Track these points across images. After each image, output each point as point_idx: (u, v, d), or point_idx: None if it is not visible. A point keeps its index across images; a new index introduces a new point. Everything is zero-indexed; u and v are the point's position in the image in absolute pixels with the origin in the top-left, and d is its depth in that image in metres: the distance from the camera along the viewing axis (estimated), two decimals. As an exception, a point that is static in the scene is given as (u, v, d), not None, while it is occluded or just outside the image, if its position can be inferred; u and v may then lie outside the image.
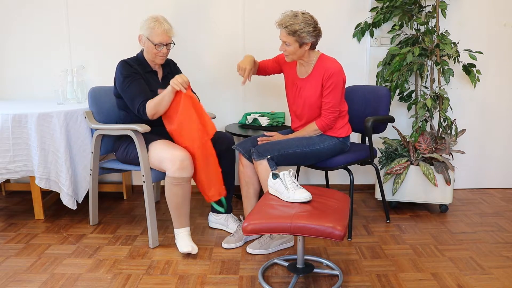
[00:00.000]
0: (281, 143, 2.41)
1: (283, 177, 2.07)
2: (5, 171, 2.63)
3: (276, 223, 1.85)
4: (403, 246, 2.46)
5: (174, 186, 2.29)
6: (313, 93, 2.44)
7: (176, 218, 2.38)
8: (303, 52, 2.39)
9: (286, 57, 2.44)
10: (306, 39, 2.33)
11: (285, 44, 2.37)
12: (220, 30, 3.21)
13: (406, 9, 2.94)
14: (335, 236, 1.79)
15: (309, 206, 1.97)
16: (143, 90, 2.40)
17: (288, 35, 2.32)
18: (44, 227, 2.75)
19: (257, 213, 1.93)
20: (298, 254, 2.09)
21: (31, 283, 2.09)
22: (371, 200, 3.24)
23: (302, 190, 2.03)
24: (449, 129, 2.95)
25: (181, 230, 2.39)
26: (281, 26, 2.34)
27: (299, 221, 1.83)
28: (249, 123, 3.03)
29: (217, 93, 3.29)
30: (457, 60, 3.03)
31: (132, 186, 3.45)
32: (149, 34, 2.42)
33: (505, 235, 2.61)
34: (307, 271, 2.09)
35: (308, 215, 1.87)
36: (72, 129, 2.71)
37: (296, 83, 2.53)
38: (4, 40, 3.24)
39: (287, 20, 2.31)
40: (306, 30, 2.30)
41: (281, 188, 2.06)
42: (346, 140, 2.55)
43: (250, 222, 1.87)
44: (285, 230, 1.83)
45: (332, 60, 2.44)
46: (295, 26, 2.29)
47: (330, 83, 2.38)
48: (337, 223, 1.81)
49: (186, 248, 2.32)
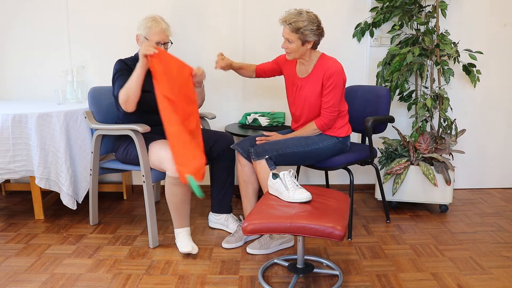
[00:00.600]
0: (279, 143, 2.41)
1: (283, 177, 2.07)
2: (5, 171, 2.63)
3: (276, 223, 1.85)
4: (403, 246, 2.46)
5: (174, 186, 2.29)
6: (313, 92, 2.44)
7: (176, 218, 2.38)
8: (305, 50, 2.39)
9: (288, 55, 2.43)
10: (309, 37, 2.33)
11: (287, 41, 2.37)
12: (220, 30, 3.21)
13: (406, 9, 2.94)
14: (335, 236, 1.79)
15: (309, 206, 1.97)
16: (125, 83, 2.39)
17: (292, 32, 2.32)
18: (44, 227, 2.75)
19: (257, 213, 1.93)
20: (298, 254, 2.09)
21: (31, 283, 2.08)
22: (371, 200, 3.24)
23: (302, 190, 2.03)
24: (449, 129, 2.95)
25: (181, 230, 2.39)
26: (285, 23, 2.34)
27: (299, 221, 1.83)
28: (249, 123, 3.03)
29: (217, 93, 3.29)
30: (457, 60, 3.03)
31: (132, 186, 3.45)
32: (146, 34, 2.43)
33: (505, 235, 2.61)
34: (307, 271, 2.09)
35: (308, 215, 1.87)
36: (72, 129, 2.71)
37: (296, 83, 2.53)
38: (4, 40, 3.24)
39: (291, 17, 2.32)
40: (309, 28, 2.31)
41: (281, 188, 2.06)
42: (346, 140, 2.55)
43: (250, 222, 1.87)
44: (285, 230, 1.83)
45: (333, 59, 2.45)
46: (299, 23, 2.30)
47: (330, 82, 2.38)
48: (337, 223, 1.81)
49: (186, 248, 2.32)
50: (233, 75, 3.24)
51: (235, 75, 3.24)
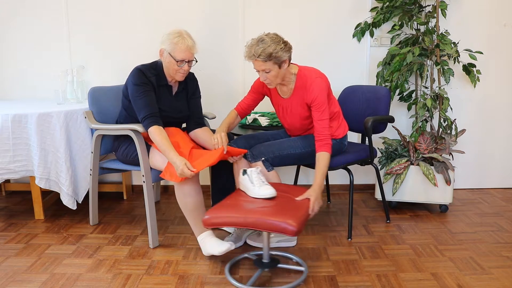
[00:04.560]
0: (275, 145, 2.41)
1: (250, 174, 2.14)
2: (5, 171, 2.63)
3: (233, 216, 1.94)
4: (403, 246, 2.46)
5: (184, 185, 2.25)
6: (300, 111, 2.40)
7: (196, 224, 2.29)
8: (284, 72, 2.29)
9: (269, 85, 2.33)
10: (283, 57, 2.22)
11: (264, 73, 2.25)
12: (220, 30, 3.21)
13: (406, 9, 2.94)
14: (288, 231, 1.85)
15: (271, 202, 2.05)
16: (150, 103, 2.31)
17: (265, 62, 2.19)
18: (44, 227, 2.75)
19: (220, 207, 2.02)
20: (264, 249, 2.15)
21: (31, 283, 2.08)
22: (371, 200, 3.24)
23: (268, 186, 2.10)
24: (449, 129, 2.95)
25: (204, 235, 2.30)
26: (253, 57, 2.20)
27: (254, 216, 1.91)
28: (249, 123, 3.03)
29: (217, 93, 3.29)
30: (457, 60, 3.03)
31: (132, 186, 3.45)
32: (171, 50, 2.29)
33: (505, 235, 2.61)
34: (272, 266, 2.14)
35: (266, 211, 1.94)
36: (72, 129, 2.71)
37: (281, 104, 2.48)
38: (4, 40, 3.24)
39: (256, 49, 2.18)
40: (279, 48, 2.18)
41: (248, 184, 2.14)
42: (343, 141, 2.55)
43: (211, 215, 1.97)
44: (241, 224, 1.92)
45: (310, 74, 2.33)
46: (267, 50, 2.17)
47: (315, 104, 2.30)
48: (291, 219, 1.87)
49: (223, 247, 2.19)
50: (233, 75, 3.24)
51: (235, 75, 3.24)
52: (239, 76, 3.26)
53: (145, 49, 3.21)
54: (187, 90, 2.53)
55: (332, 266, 2.23)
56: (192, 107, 2.54)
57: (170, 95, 2.46)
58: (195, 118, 2.55)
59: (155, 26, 3.19)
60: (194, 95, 2.55)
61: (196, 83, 2.58)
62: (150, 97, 2.32)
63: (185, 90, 2.52)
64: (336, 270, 2.19)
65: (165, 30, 3.15)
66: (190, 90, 2.53)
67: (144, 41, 3.21)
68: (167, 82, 2.43)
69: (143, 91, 2.31)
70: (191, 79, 2.54)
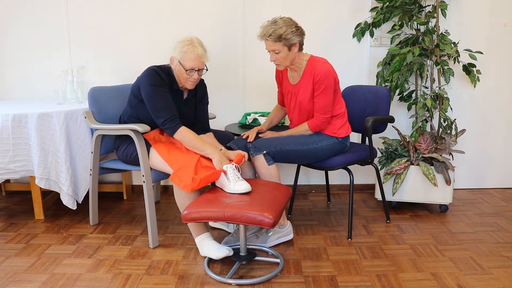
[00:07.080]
0: (278, 140, 2.43)
1: (225, 170, 2.20)
2: (5, 171, 2.63)
3: (212, 211, 1.98)
4: (403, 246, 2.46)
5: None
6: (305, 97, 2.45)
7: (193, 224, 2.30)
8: (294, 55, 2.38)
9: (278, 66, 2.42)
10: (293, 40, 2.32)
11: (274, 53, 2.35)
12: (220, 30, 3.21)
13: (406, 9, 2.94)
14: (265, 223, 1.91)
15: (247, 197, 2.10)
16: (170, 104, 2.30)
17: (275, 42, 2.31)
18: (44, 227, 2.75)
19: (198, 203, 2.06)
20: (241, 242, 2.19)
21: (31, 283, 2.08)
22: (371, 200, 3.24)
23: (243, 182, 2.17)
24: (449, 129, 2.95)
25: (202, 237, 2.30)
26: (265, 37, 2.32)
27: (231, 210, 1.96)
28: (249, 123, 3.03)
29: (217, 93, 3.29)
30: (457, 60, 3.03)
31: (132, 186, 3.45)
32: (181, 58, 2.30)
33: (505, 235, 2.61)
34: (249, 259, 2.19)
35: (242, 205, 1.99)
36: (72, 129, 2.71)
37: (290, 90, 2.54)
38: (4, 40, 3.24)
39: (268, 29, 2.30)
40: (289, 31, 2.30)
41: (224, 180, 2.20)
42: (345, 141, 2.55)
43: (190, 211, 2.01)
44: (219, 218, 1.97)
45: (322, 61, 2.42)
46: (278, 31, 2.28)
47: (320, 85, 2.38)
48: (268, 212, 1.93)
49: (222, 252, 2.18)
50: (233, 75, 3.24)
51: (235, 75, 3.24)
52: (239, 76, 3.26)
53: (145, 49, 3.21)
54: (196, 96, 2.53)
55: (332, 266, 2.23)
56: (199, 113, 2.54)
57: (181, 100, 2.45)
58: (201, 123, 2.55)
59: (155, 26, 3.19)
60: (202, 101, 2.56)
61: (205, 89, 2.58)
62: (169, 98, 2.32)
63: (194, 97, 2.52)
64: (336, 270, 2.19)
65: (165, 30, 3.19)
66: (199, 96, 2.54)
67: (144, 41, 3.21)
68: (178, 87, 2.43)
69: (161, 92, 2.30)
70: (200, 85, 2.54)
